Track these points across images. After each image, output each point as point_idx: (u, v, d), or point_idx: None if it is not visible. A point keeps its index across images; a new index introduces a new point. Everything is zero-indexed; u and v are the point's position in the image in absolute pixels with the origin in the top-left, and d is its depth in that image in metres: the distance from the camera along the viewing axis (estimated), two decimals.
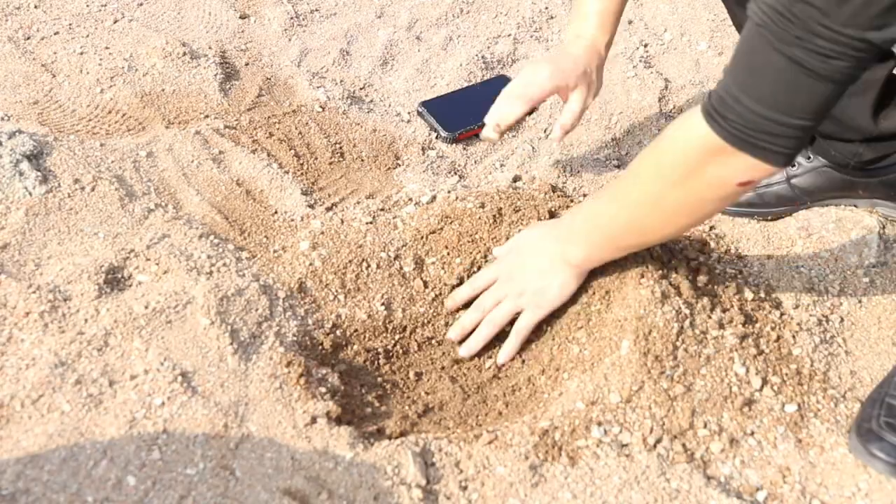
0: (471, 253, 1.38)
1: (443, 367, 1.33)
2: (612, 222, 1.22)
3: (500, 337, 1.32)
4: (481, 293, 1.32)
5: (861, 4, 0.88)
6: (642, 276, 1.30)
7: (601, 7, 1.46)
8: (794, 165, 1.55)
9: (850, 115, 1.40)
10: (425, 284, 1.38)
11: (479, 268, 1.37)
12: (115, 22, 2.00)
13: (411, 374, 1.32)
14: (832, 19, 0.90)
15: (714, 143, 1.03)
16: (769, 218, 1.57)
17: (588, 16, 1.47)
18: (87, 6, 2.06)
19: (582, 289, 1.31)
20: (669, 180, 1.10)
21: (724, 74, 1.03)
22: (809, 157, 1.54)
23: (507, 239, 1.38)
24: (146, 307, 1.23)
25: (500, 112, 1.45)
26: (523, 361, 1.32)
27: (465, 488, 1.09)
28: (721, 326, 1.29)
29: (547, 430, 1.15)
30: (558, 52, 1.57)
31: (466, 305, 1.34)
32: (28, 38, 1.91)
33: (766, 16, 0.95)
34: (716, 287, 1.37)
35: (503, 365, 1.31)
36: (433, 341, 1.35)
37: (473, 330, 1.32)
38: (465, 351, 1.31)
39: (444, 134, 1.74)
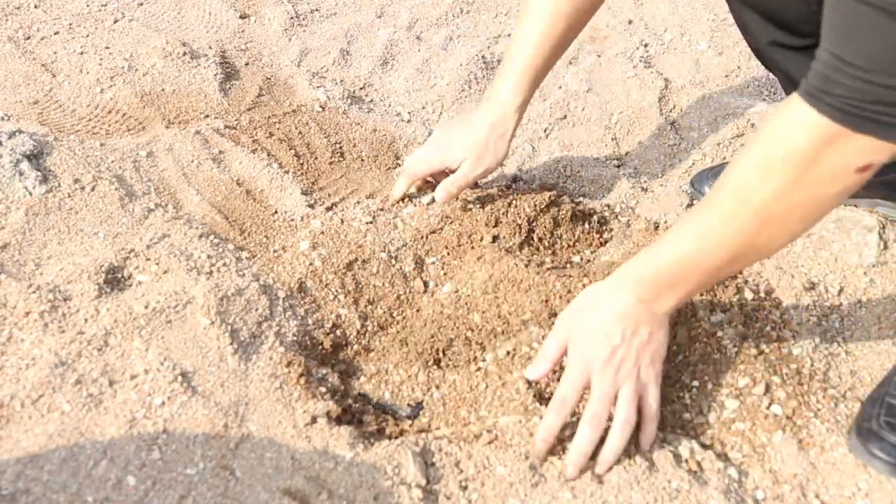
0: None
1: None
2: (712, 258, 1.05)
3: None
4: (572, 402, 1.10)
5: None
6: None
7: (523, 64, 1.42)
8: None
9: None
10: (425, 284, 1.38)
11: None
12: (116, 22, 2.00)
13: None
14: None
15: (825, 128, 0.91)
16: None
17: (507, 73, 1.44)
18: (87, 6, 2.06)
19: None
20: (780, 185, 0.96)
21: (819, 52, 0.92)
22: None
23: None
24: (146, 307, 1.23)
25: (394, 188, 1.53)
26: None
27: (465, 488, 1.09)
28: (721, 326, 1.29)
29: None
30: (463, 118, 1.59)
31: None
32: (28, 38, 1.91)
33: None
34: (716, 287, 1.37)
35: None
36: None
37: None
38: (542, 447, 1.10)
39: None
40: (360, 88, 1.92)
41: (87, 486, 1.01)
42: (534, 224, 1.47)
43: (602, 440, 1.09)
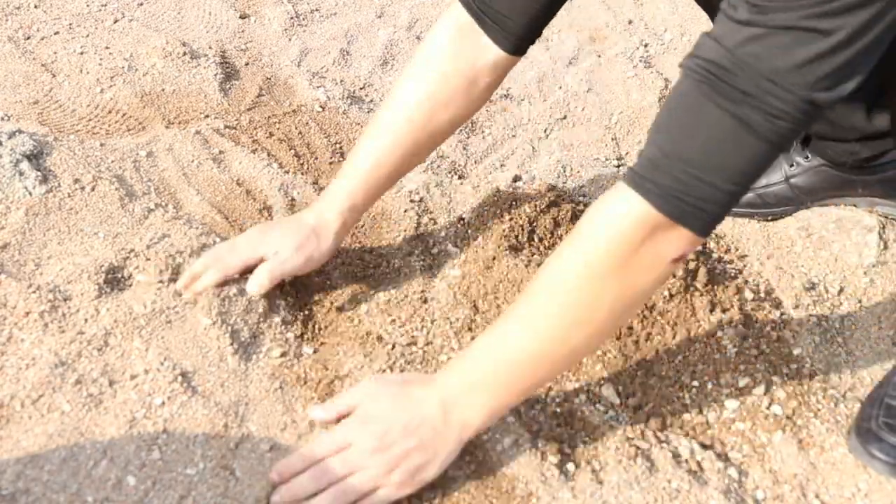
0: None
1: None
2: (531, 349, 0.99)
3: None
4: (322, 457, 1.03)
5: (812, 61, 0.84)
6: None
7: (352, 185, 1.28)
8: (792, 165, 1.55)
9: (842, 115, 1.39)
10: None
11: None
12: (116, 22, 2.00)
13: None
14: (782, 77, 0.85)
15: (647, 217, 0.93)
16: (769, 218, 1.57)
17: (341, 178, 1.30)
18: (87, 6, 2.06)
19: None
20: (601, 275, 0.95)
21: (650, 137, 0.94)
22: (808, 157, 1.54)
23: None
24: (146, 307, 1.23)
25: (201, 280, 1.26)
26: None
27: None
28: (721, 326, 1.29)
29: None
30: (278, 219, 1.47)
31: None
32: (28, 38, 1.91)
33: (708, 71, 0.88)
34: (716, 287, 1.37)
35: None
36: None
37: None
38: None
39: None
40: (360, 88, 1.92)
41: (87, 486, 1.01)
42: (534, 224, 1.47)
43: None
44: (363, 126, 1.78)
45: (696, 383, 1.24)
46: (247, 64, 1.94)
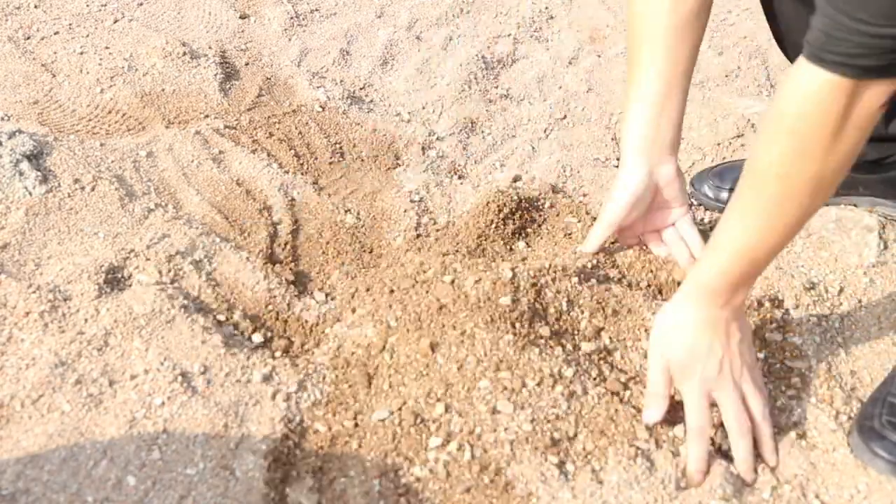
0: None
1: None
2: (769, 244, 1.06)
3: None
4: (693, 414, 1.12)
5: None
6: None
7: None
8: None
9: None
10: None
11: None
12: (115, 22, 2.00)
13: None
14: None
15: (841, 85, 0.93)
16: None
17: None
18: (87, 6, 2.06)
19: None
20: (819, 148, 0.97)
21: (817, 14, 0.93)
22: None
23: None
24: (146, 307, 1.23)
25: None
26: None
27: None
28: None
29: None
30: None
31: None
32: (28, 38, 1.91)
33: None
34: None
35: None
36: None
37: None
38: (699, 477, 1.11)
39: None
40: (360, 88, 1.92)
41: (87, 486, 1.01)
42: (534, 224, 1.47)
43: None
44: (363, 125, 1.79)
45: None
46: (247, 64, 1.94)
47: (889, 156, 1.45)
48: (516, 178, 1.67)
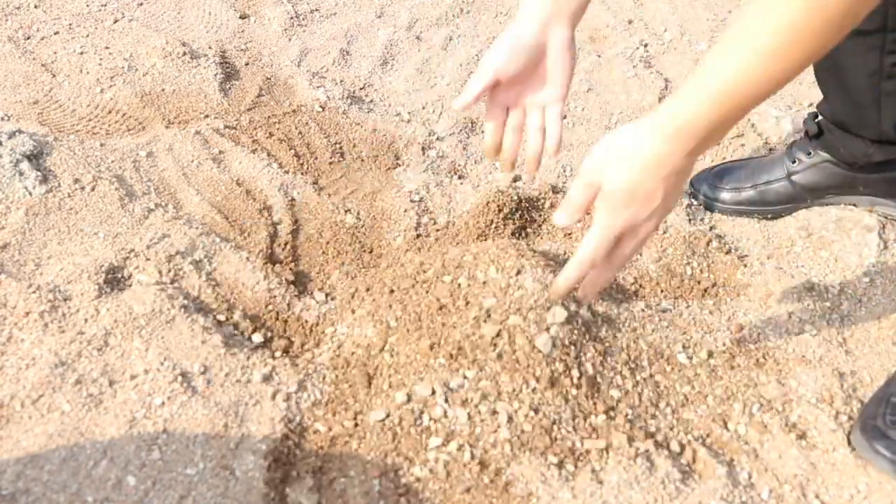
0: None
1: None
2: (756, 89, 0.94)
3: None
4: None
5: None
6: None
7: None
8: (794, 161, 1.55)
9: (866, 115, 1.39)
10: None
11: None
12: (115, 22, 2.00)
13: None
14: None
15: None
16: (769, 217, 1.57)
17: None
18: (87, 6, 2.06)
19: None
20: None
21: None
22: (810, 154, 1.54)
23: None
24: (146, 307, 1.23)
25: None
26: None
27: None
28: (721, 327, 1.29)
29: None
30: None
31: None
32: (28, 38, 1.91)
33: None
34: (716, 287, 1.37)
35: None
36: None
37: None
38: (562, 292, 1.10)
39: None
40: (360, 88, 1.92)
41: (87, 486, 1.01)
42: (534, 224, 1.47)
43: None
44: (363, 125, 1.78)
45: (696, 384, 1.24)
46: (247, 64, 1.94)
47: (893, 159, 1.46)
48: (516, 178, 1.67)
